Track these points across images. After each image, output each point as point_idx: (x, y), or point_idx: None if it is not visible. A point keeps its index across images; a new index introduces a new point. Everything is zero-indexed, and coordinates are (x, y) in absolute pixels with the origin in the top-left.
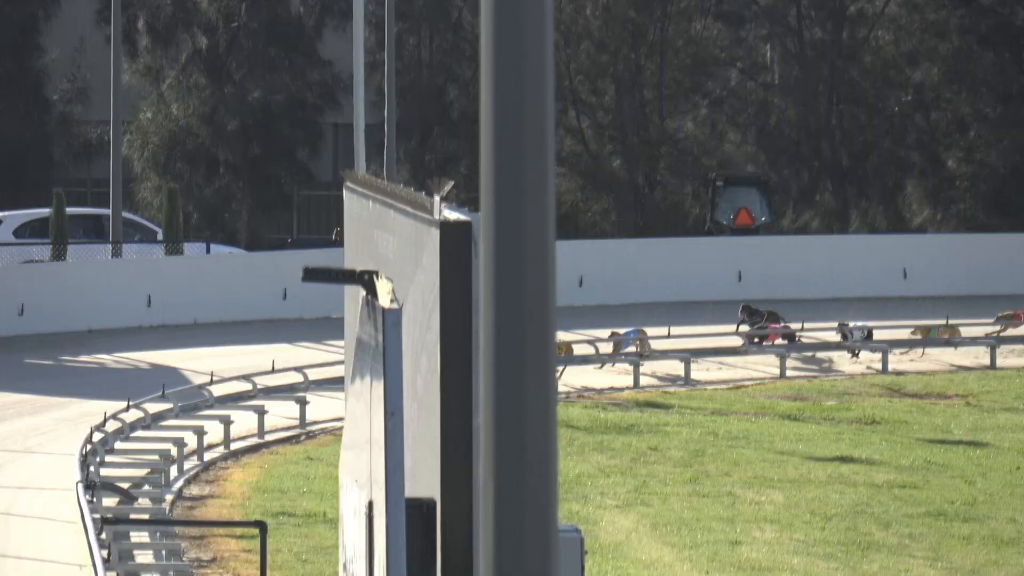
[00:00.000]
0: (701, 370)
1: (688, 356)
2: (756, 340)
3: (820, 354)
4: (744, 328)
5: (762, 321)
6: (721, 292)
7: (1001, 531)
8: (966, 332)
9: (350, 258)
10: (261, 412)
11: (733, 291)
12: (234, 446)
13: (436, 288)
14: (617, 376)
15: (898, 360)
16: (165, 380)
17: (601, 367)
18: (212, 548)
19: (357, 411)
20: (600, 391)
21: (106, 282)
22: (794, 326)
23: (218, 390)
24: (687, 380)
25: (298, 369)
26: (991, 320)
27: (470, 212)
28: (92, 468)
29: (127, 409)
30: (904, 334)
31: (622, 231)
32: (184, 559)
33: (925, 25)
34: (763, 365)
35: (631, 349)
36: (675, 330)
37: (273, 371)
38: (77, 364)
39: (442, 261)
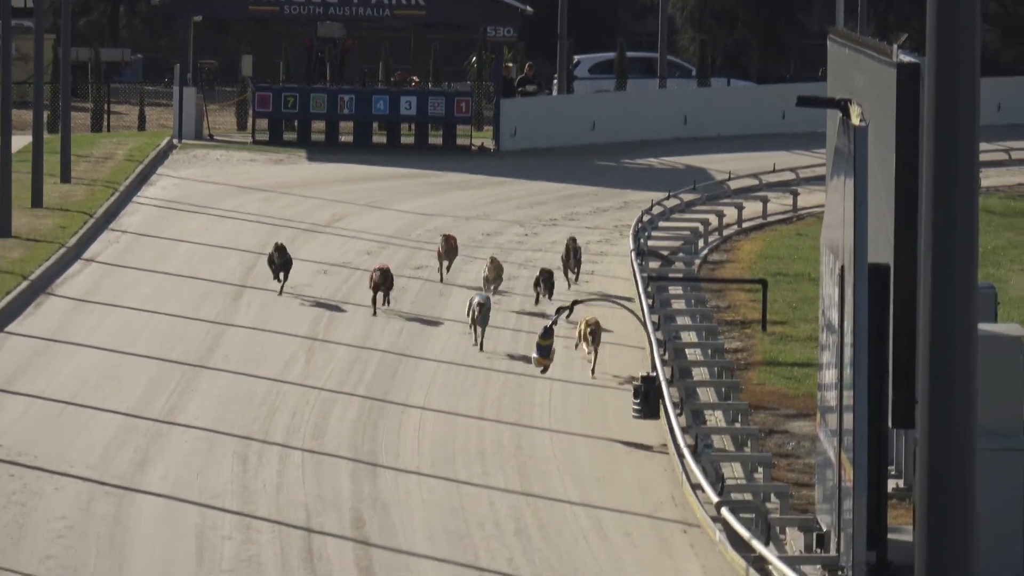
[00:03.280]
0: None
1: None
2: None
3: None
4: None
5: None
6: None
7: None
8: None
9: (831, 90)
10: (765, 201)
11: None
12: (744, 225)
13: (893, 110)
14: (1020, 175)
15: None
16: (695, 177)
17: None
18: (727, 298)
19: (834, 200)
20: (1010, 187)
21: (654, 106)
22: None
23: (734, 184)
24: None
25: (792, 170)
26: None
27: (919, 57)
28: (642, 240)
29: (668, 198)
30: None
31: None
32: (707, 306)
33: None
34: None
35: None
36: None
37: (774, 171)
38: (632, 165)
39: (898, 92)
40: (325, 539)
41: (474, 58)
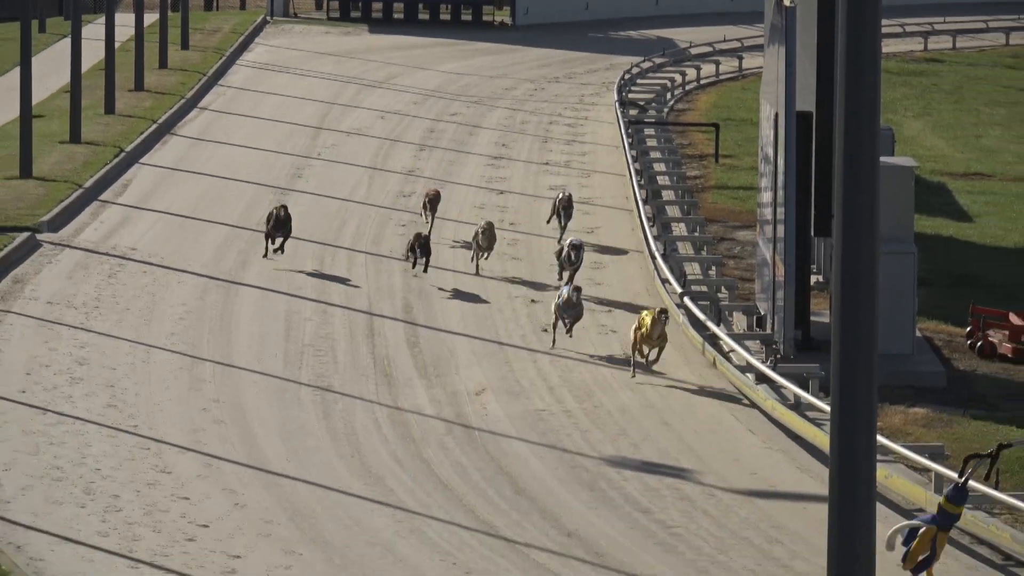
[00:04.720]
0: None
1: (955, 32)
2: None
3: None
4: None
5: None
6: None
7: None
8: None
9: None
10: (717, 64)
11: None
12: (702, 82)
13: None
14: (912, 44)
15: None
16: (664, 46)
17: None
18: (688, 137)
19: (770, 62)
20: (904, 53)
21: None
22: None
23: (694, 51)
24: (954, 46)
25: (738, 40)
26: None
27: None
28: (624, 93)
29: (643, 61)
30: None
31: None
32: (673, 143)
33: None
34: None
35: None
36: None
37: (725, 40)
38: (617, 37)
39: None
40: (383, 320)
41: None
